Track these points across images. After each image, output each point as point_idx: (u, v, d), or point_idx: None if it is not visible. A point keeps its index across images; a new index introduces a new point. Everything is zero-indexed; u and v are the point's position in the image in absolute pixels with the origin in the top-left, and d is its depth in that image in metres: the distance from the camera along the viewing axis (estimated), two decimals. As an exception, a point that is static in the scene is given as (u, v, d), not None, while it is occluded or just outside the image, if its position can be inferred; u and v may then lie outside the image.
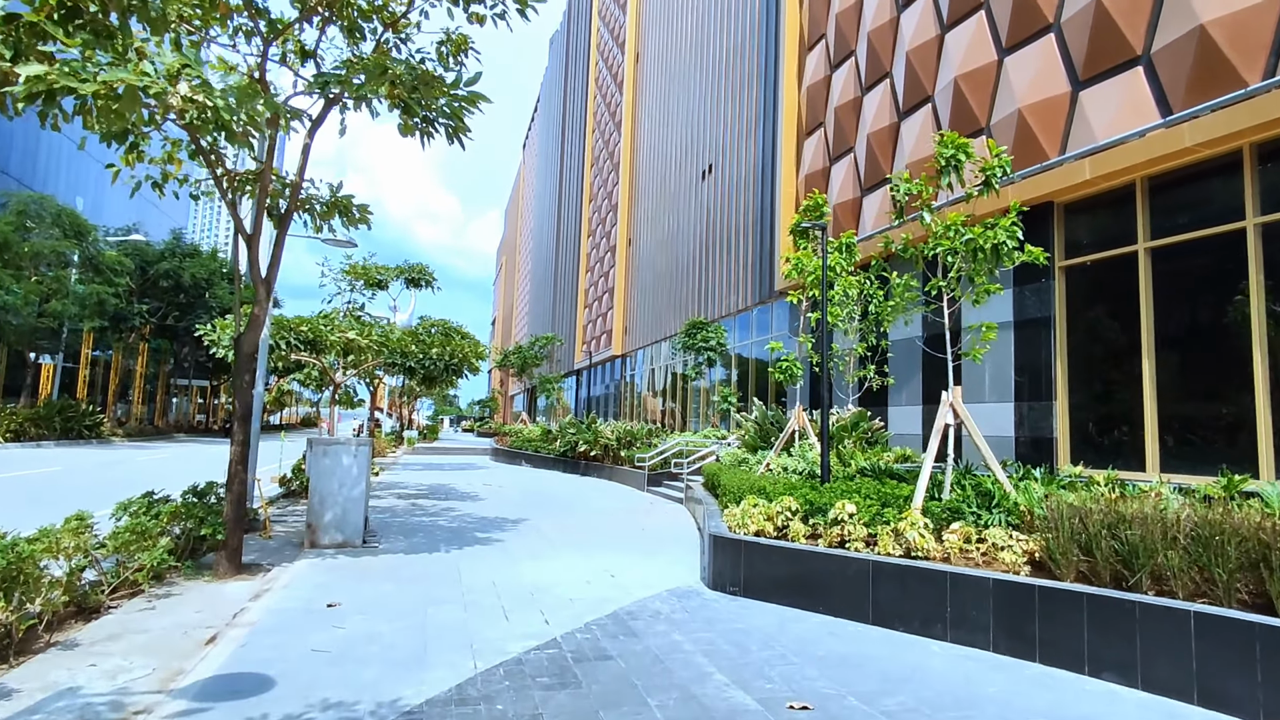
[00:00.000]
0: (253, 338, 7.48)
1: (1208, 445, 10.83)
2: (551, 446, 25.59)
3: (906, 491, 7.28)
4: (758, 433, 12.08)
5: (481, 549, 9.26)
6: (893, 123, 18.17)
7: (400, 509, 12.96)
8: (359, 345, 12.64)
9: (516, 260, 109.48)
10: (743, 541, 7.04)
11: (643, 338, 40.60)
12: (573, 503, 14.99)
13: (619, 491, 17.68)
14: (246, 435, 7.45)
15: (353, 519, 9.04)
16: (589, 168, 57.32)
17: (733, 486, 9.02)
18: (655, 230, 39.63)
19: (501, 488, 17.74)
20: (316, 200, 8.91)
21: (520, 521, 11.88)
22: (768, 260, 25.06)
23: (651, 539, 10.51)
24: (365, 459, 9.14)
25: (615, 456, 21.26)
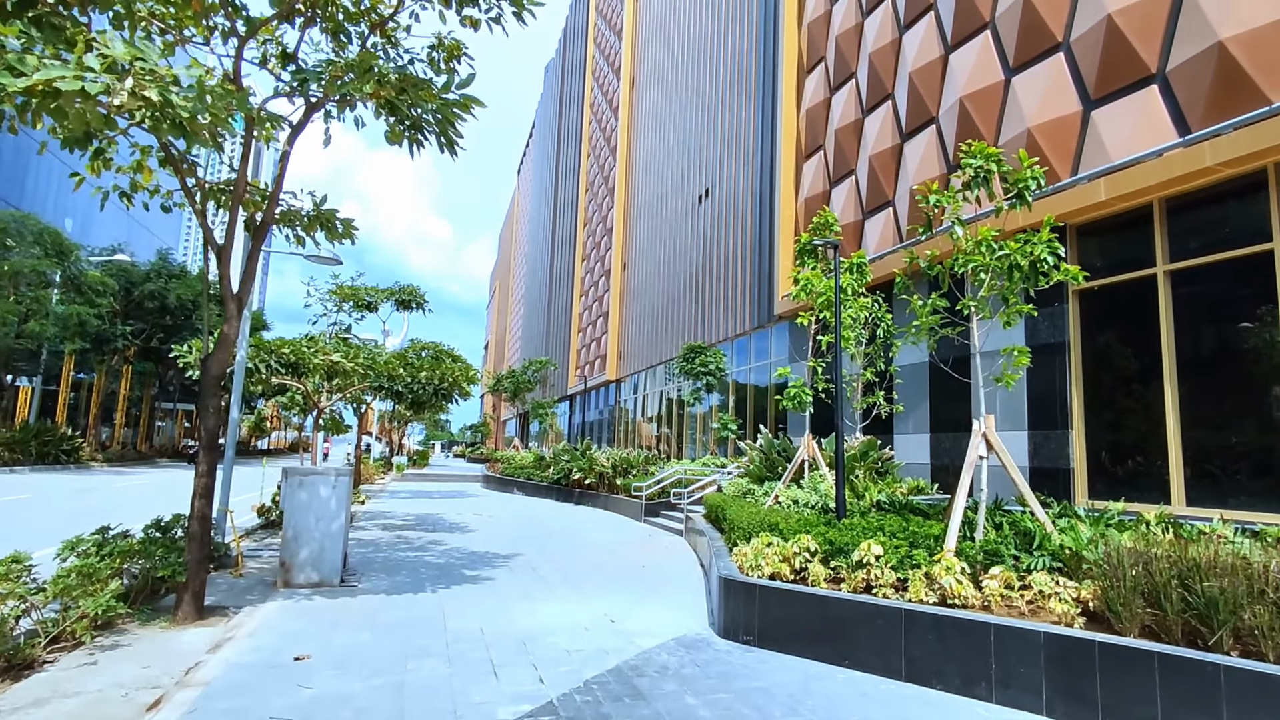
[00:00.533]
0: (221, 359, 6.86)
1: (1237, 477, 10.29)
2: (545, 474, 24.85)
3: (935, 530, 6.67)
4: (763, 462, 11.47)
5: (470, 588, 8.56)
6: (895, 144, 17.85)
7: (384, 542, 12.23)
8: (344, 369, 12.01)
9: (510, 285, 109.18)
10: (757, 586, 6.40)
11: (637, 363, 40.04)
12: (567, 535, 14.28)
13: (615, 522, 16.97)
14: (212, 466, 6.80)
15: (330, 556, 8.34)
16: (584, 192, 57.20)
17: (741, 521, 8.38)
18: (651, 254, 39.28)
19: (493, 518, 16.99)
20: (298, 214, 8.37)
21: (512, 556, 11.17)
22: (766, 284, 24.63)
23: (652, 577, 9.83)
24: (345, 491, 8.47)
25: (611, 485, 20.56)
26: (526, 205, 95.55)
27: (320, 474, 8.42)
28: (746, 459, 12.97)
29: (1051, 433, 13.05)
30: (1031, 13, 13.71)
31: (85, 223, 49.20)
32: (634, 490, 17.53)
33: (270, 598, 7.72)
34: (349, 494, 8.73)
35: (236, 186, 6.90)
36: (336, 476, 8.46)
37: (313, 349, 11.97)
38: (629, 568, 10.54)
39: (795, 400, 9.99)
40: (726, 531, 9.07)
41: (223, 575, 8.79)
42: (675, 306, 34.43)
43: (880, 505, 9.09)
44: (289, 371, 11.36)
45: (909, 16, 17.59)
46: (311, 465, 13.77)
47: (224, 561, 9.28)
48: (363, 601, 7.68)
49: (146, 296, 30.72)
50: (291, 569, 8.22)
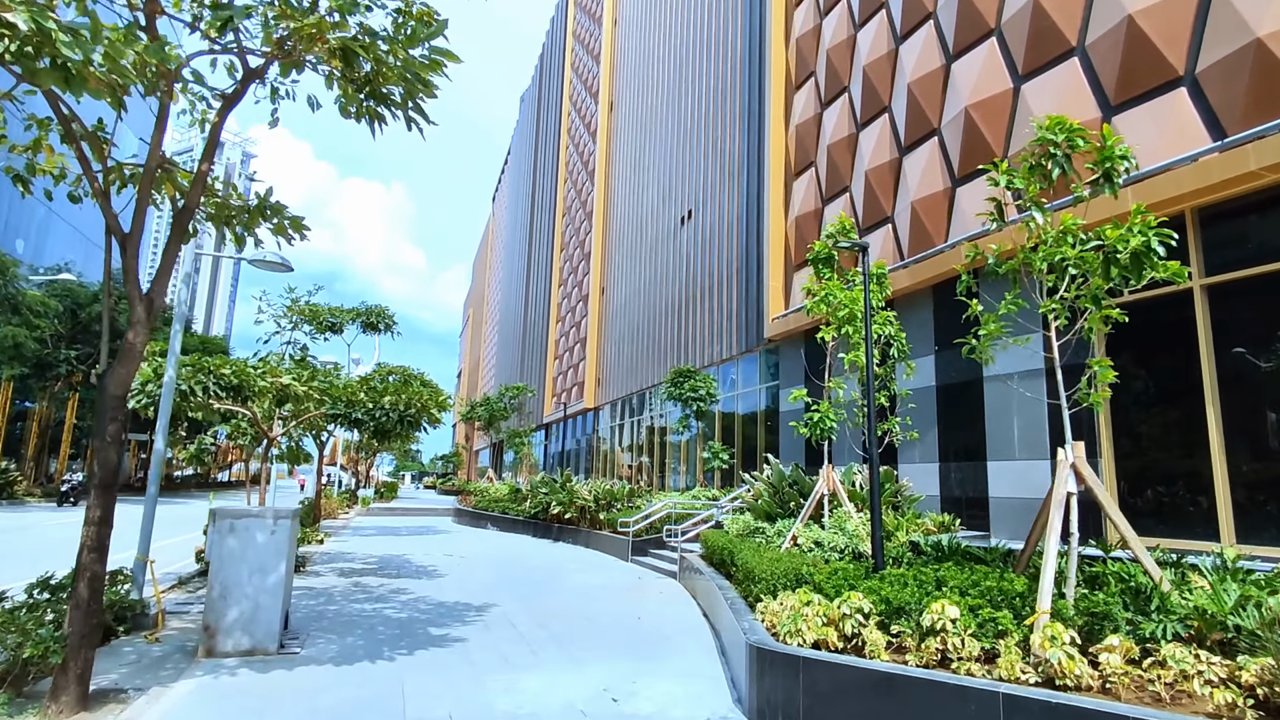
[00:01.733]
0: (124, 375, 5.46)
1: (1297, 510, 9.27)
2: (521, 508, 23.28)
3: (1016, 585, 5.44)
4: (773, 496, 10.21)
5: (436, 654, 7.11)
6: (893, 158, 17.02)
7: (339, 591, 10.68)
8: (295, 393, 10.57)
9: (484, 312, 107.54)
10: (800, 658, 5.09)
11: (616, 390, 38.72)
12: (548, 579, 12.81)
13: (600, 562, 15.51)
14: (107, 511, 5.36)
15: (266, 617, 6.85)
16: (560, 218, 56.26)
17: (761, 570, 7.08)
18: (631, 279, 38.24)
19: (465, 558, 15.43)
20: (236, 208, 7.06)
21: (487, 609, 9.71)
22: (754, 307, 23.60)
23: (652, 633, 8.45)
24: (286, 537, 7.02)
25: (593, 520, 19.10)
26: (501, 232, 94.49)
27: (256, 516, 6.96)
28: (748, 491, 11.69)
29: (1077, 462, 11.99)
30: (1042, 17, 12.97)
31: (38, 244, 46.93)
32: (620, 526, 16.12)
33: (186, 673, 6.21)
34: (292, 540, 7.28)
35: (148, 161, 5.57)
36: (276, 519, 7.01)
37: (260, 370, 10.51)
38: (623, 620, 9.14)
39: (817, 427, 8.77)
40: (742, 581, 7.75)
41: (135, 640, 7.24)
42: (657, 332, 33.30)
43: (918, 549, 7.87)
44: (231, 395, 9.90)
45: (906, 26, 16.88)
46: (260, 503, 12.19)
47: (139, 622, 7.72)
48: (302, 676, 6.21)
49: (94, 319, 28.75)
50: (216, 634, 6.71)
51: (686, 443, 28.96)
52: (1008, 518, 12.97)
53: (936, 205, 15.40)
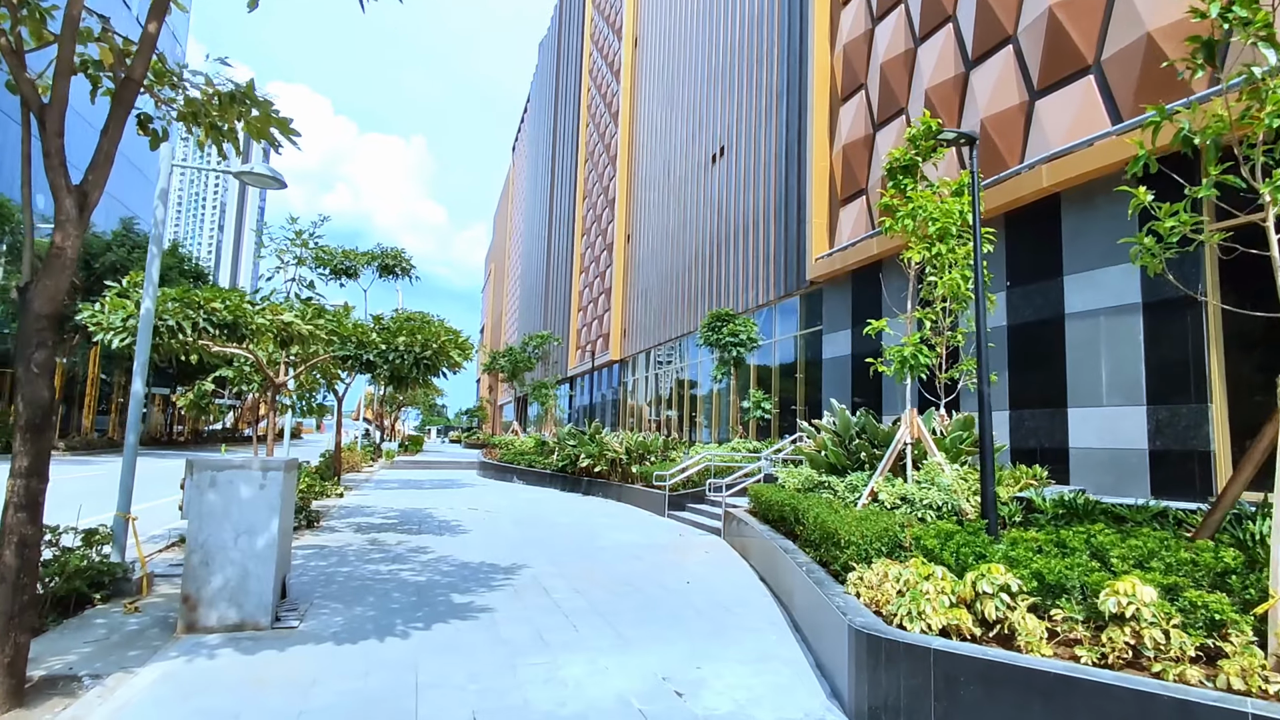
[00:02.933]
0: (52, 288, 4.26)
1: None
2: (548, 461, 22.32)
3: (1227, 559, 4.12)
4: (838, 446, 8.90)
5: (458, 629, 6.01)
6: (958, 73, 15.18)
7: (353, 550, 9.68)
8: (299, 332, 9.42)
9: (505, 266, 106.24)
10: (932, 650, 3.85)
11: (644, 341, 37.44)
12: (582, 537, 11.75)
13: (635, 518, 14.44)
14: (38, 460, 4.23)
15: (256, 586, 5.77)
16: (583, 164, 54.30)
17: (848, 532, 5.83)
18: (657, 225, 36.57)
19: (490, 513, 14.45)
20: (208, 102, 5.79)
21: (516, 571, 8.63)
22: (795, 247, 22.00)
23: (708, 603, 7.30)
24: (278, 492, 5.89)
25: (624, 473, 18.03)
26: (522, 183, 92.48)
27: (240, 467, 5.83)
28: (805, 443, 10.41)
29: (1180, 408, 10.52)
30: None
31: (55, 198, 46.09)
32: (655, 480, 15.00)
33: (160, 653, 5.16)
34: (287, 496, 6.15)
35: (68, 10, 4.26)
36: (265, 471, 5.87)
37: (258, 306, 9.35)
38: (670, 586, 8.01)
39: (907, 366, 7.36)
40: (817, 544, 6.52)
41: (111, 611, 6.23)
42: (685, 280, 31.79)
43: (1033, 505, 6.56)
44: (225, 334, 8.76)
45: (978, -80, 14.85)
46: (268, 457, 11.18)
47: (121, 588, 6.72)
48: (296, 660, 5.13)
49: (108, 269, 27.89)
50: (198, 606, 5.65)
51: (718, 394, 27.73)
52: (1092, 471, 11.60)
53: (1010, 122, 13.65)
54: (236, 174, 7.83)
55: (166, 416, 50.26)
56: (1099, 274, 11.68)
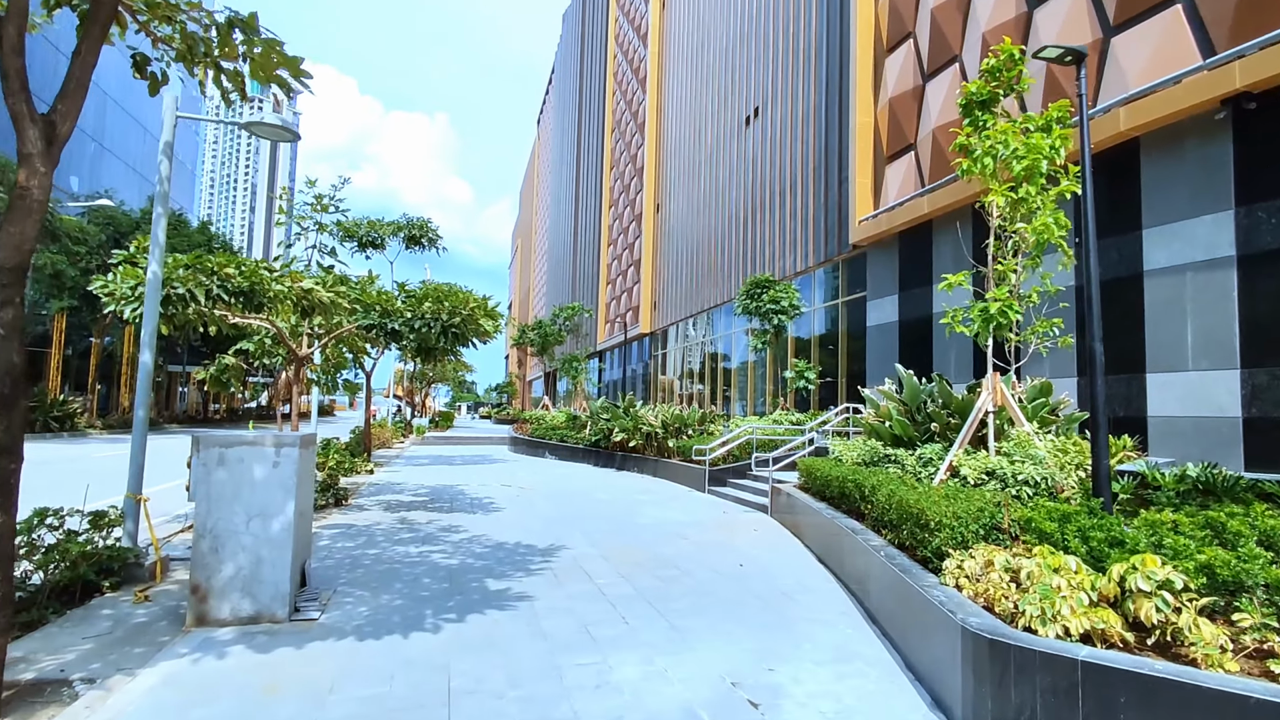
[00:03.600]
0: (16, 236, 3.63)
1: None
2: (580, 435, 21.77)
3: None
4: (906, 415, 8.06)
5: (495, 621, 5.41)
6: (1020, 13, 13.96)
7: (382, 530, 9.16)
8: (320, 300, 8.84)
9: (532, 242, 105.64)
10: (1079, 662, 3.10)
11: (675, 313, 36.61)
12: (620, 514, 11.13)
13: (673, 494, 13.80)
14: (10, 436, 3.63)
15: (271, 574, 5.21)
16: (609, 133, 53.13)
17: (937, 512, 5.06)
18: (689, 192, 35.50)
19: (523, 490, 13.92)
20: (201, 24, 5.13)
21: (554, 552, 8.03)
22: (836, 210, 20.94)
23: (766, 589, 6.61)
24: (294, 470, 5.29)
25: (660, 447, 17.38)
26: (547, 155, 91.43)
27: (251, 444, 5.24)
28: (866, 413, 9.61)
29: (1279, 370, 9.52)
30: None
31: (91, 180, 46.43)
32: (695, 454, 14.31)
33: (166, 650, 4.63)
34: (304, 475, 5.57)
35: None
36: (279, 448, 5.27)
37: (277, 273, 8.77)
38: (722, 569, 7.34)
39: (998, 320, 6.45)
40: (895, 524, 5.77)
41: (121, 600, 5.73)
42: (717, 249, 30.81)
43: (1146, 481, 5.72)
44: (242, 302, 8.21)
45: None
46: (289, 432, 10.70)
47: (133, 574, 6.24)
48: (315, 657, 4.55)
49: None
50: (208, 597, 5.11)
51: (753, 365, 26.89)
52: (1174, 441, 10.63)
53: (1083, 62, 12.45)
54: (245, 125, 7.18)
55: (203, 394, 50.84)
56: (1184, 226, 10.60)
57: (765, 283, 16.92)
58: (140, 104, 50.37)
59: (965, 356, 14.96)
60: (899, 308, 17.36)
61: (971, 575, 4.25)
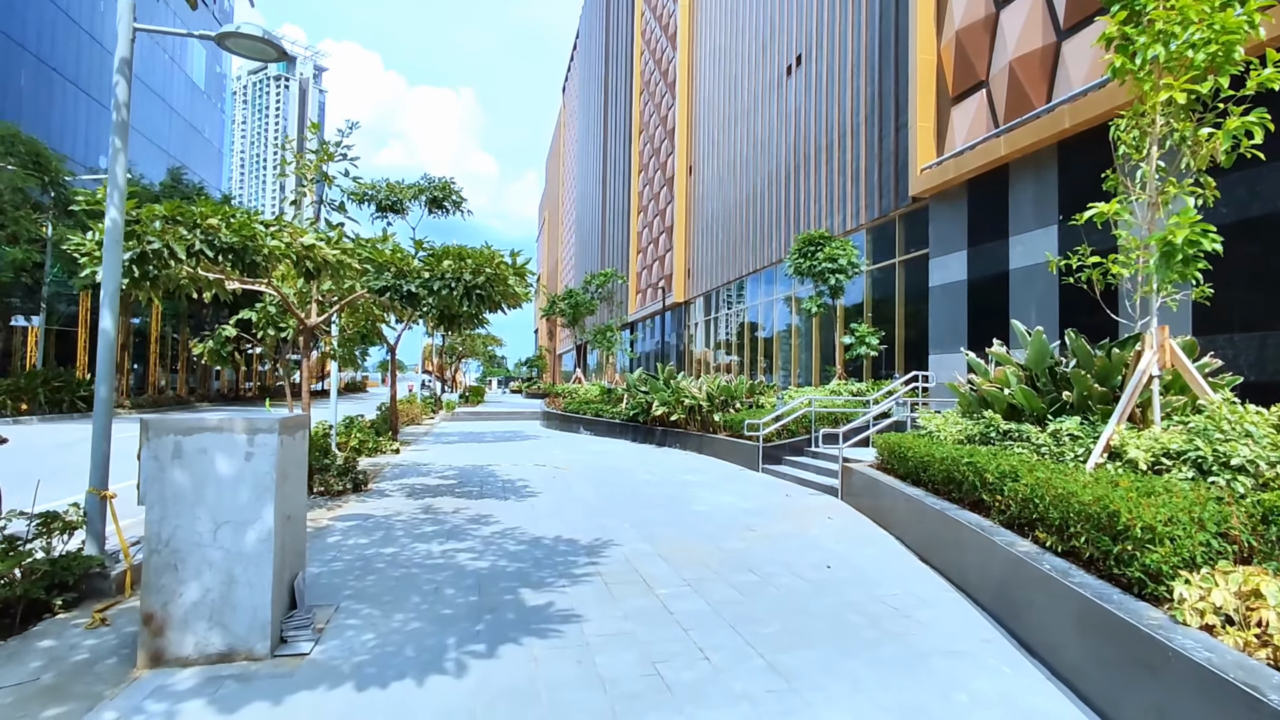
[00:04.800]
0: None
1: None
2: (616, 409, 20.53)
3: None
4: (1030, 383, 6.54)
5: (535, 657, 4.16)
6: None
7: (403, 521, 8.01)
8: (325, 259, 7.62)
9: (559, 213, 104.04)
10: None
11: (710, 281, 35.04)
12: (669, 498, 9.86)
13: (725, 474, 12.49)
14: None
15: (248, 597, 4.01)
16: (638, 95, 51.13)
17: (1136, 514, 3.65)
18: (723, 153, 33.68)
19: (559, 470, 12.73)
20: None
21: (601, 550, 6.78)
22: (889, 162, 19.17)
23: (872, 600, 5.28)
24: (273, 462, 4.06)
25: (705, 421, 16.05)
26: (574, 124, 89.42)
27: (216, 429, 4.01)
28: (959, 381, 8.12)
29: None
30: None
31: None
32: (747, 429, 12.97)
33: (97, 710, 3.46)
34: (291, 467, 4.34)
35: None
36: (252, 435, 4.04)
37: (272, 228, 7.54)
38: (806, 573, 6.01)
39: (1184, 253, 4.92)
40: (1058, 527, 4.36)
41: (69, 625, 4.60)
42: (756, 211, 29.08)
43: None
44: (231, 260, 7.00)
45: None
46: (296, 413, 9.58)
47: (97, 587, 5.12)
48: (296, 717, 3.35)
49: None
50: (165, 628, 3.93)
51: (796, 332, 25.34)
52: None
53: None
54: (216, 37, 5.91)
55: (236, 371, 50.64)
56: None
57: (820, 239, 15.33)
58: (161, 78, 49.70)
59: (1047, 317, 13.32)
60: (968, 265, 15.69)
61: (1215, 605, 2.86)
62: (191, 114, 55.67)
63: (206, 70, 59.03)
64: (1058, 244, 13.32)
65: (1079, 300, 12.27)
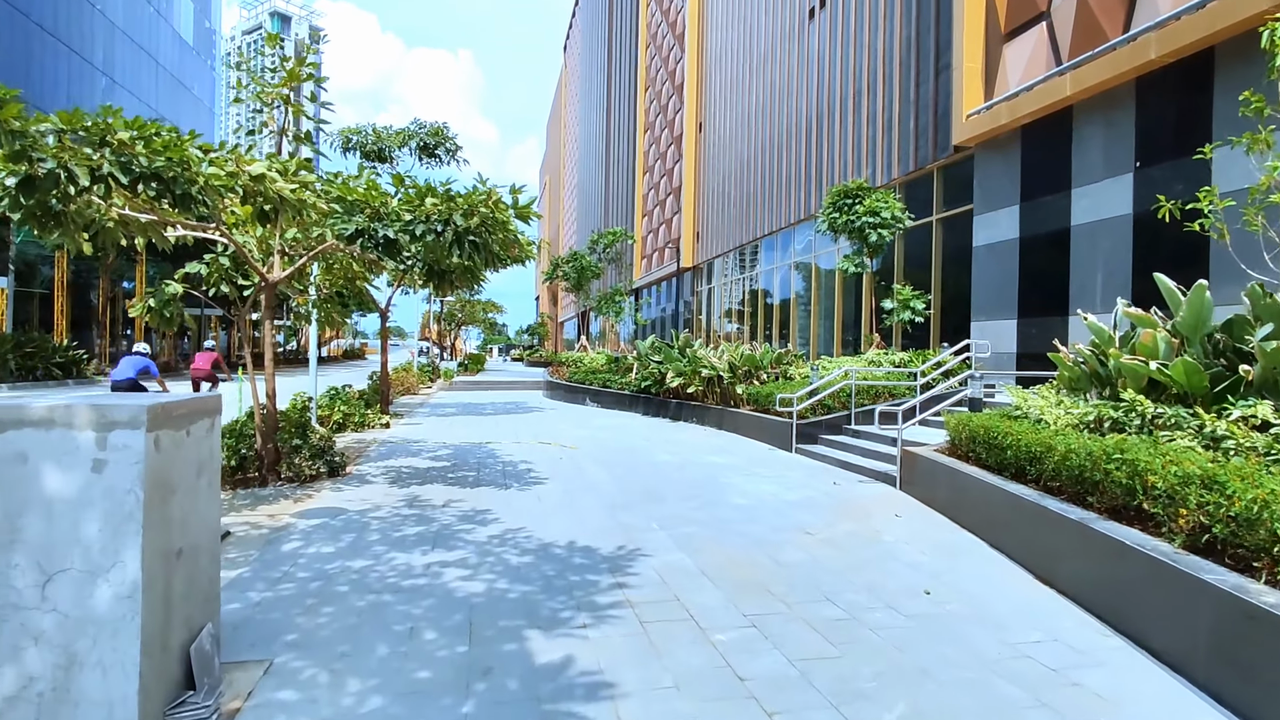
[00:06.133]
0: None
1: None
2: (626, 380, 19.05)
3: None
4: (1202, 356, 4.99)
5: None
6: None
7: (379, 521, 6.55)
8: (279, 194, 6.06)
9: (560, 177, 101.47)
10: None
11: (721, 244, 33.30)
12: (700, 488, 8.41)
13: (755, 456, 11.05)
14: None
15: (101, 686, 2.54)
16: (644, 49, 48.71)
17: None
18: (736, 107, 31.68)
19: (567, 449, 11.29)
20: None
21: (627, 565, 5.31)
22: (928, 109, 17.39)
23: (1011, 655, 3.83)
24: (140, 470, 2.57)
25: (725, 394, 14.57)
26: (575, 84, 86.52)
27: (37, 423, 2.51)
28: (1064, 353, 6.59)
29: None
30: None
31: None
32: (780, 404, 11.49)
33: None
34: (182, 475, 2.84)
35: None
36: (105, 432, 2.54)
37: (209, 154, 5.96)
38: (905, 603, 4.56)
39: None
40: None
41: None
42: (776, 168, 27.24)
43: None
44: (155, 190, 5.44)
45: None
46: (268, 394, 8.07)
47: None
48: None
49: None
50: (-40, 744, 2.48)
51: (817, 298, 23.75)
52: None
53: None
54: None
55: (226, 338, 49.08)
56: None
57: (858, 190, 13.66)
58: (147, 33, 47.34)
59: (1117, 279, 11.75)
60: (1020, 221, 14.05)
61: None
62: (180, 70, 53.29)
63: (195, 25, 56.48)
64: (1133, 194, 11.70)
65: (1157, 258, 10.70)
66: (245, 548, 5.65)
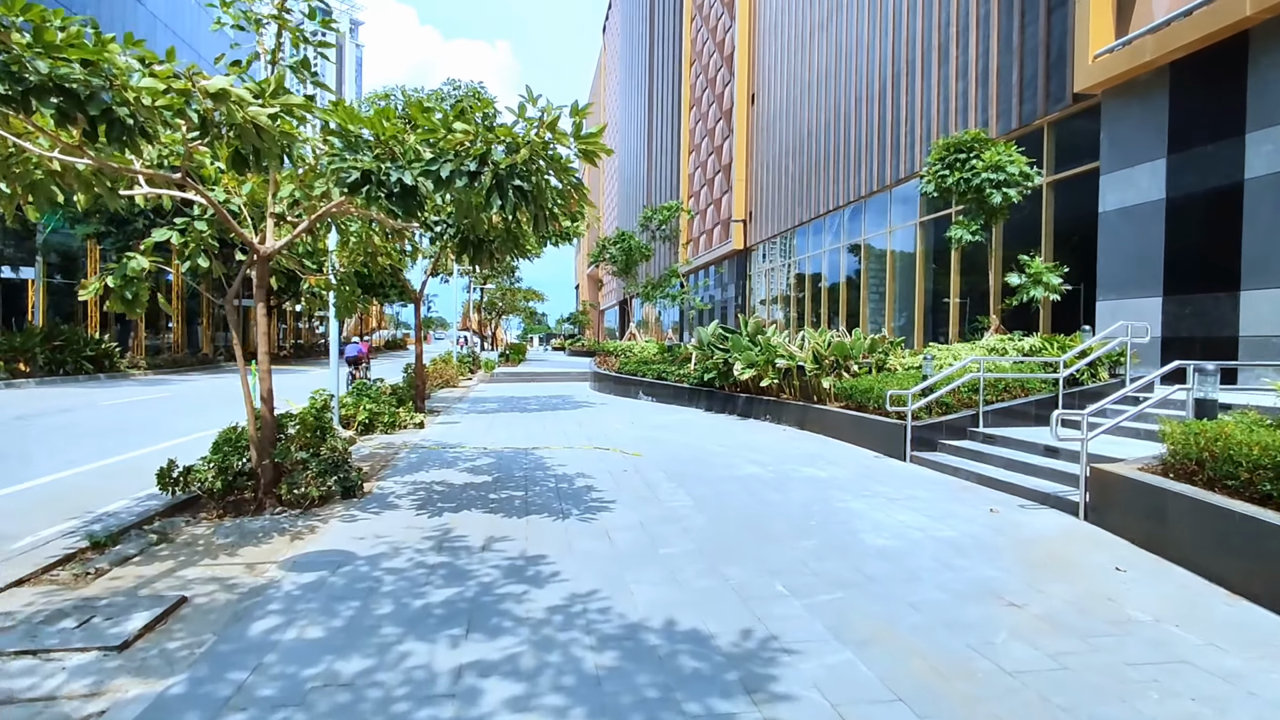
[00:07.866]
0: None
1: None
2: (683, 371, 17.09)
3: None
4: None
5: None
6: None
7: (396, 574, 4.73)
8: (252, 123, 4.29)
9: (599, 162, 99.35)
10: None
11: (778, 223, 30.98)
12: (813, 514, 6.42)
13: (861, 467, 9.00)
14: None
15: None
16: (689, 20, 46.28)
17: None
18: (795, 73, 29.23)
19: (629, 458, 9.39)
20: None
21: (765, 667, 3.36)
22: (1040, 53, 14.91)
23: None
24: None
25: (807, 388, 12.50)
26: (615, 65, 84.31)
27: None
28: None
29: None
30: None
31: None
32: (891, 402, 9.39)
33: None
34: None
35: None
36: None
37: (148, 65, 4.20)
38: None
39: None
40: None
41: None
42: (842, 137, 24.83)
43: None
44: (62, 107, 3.70)
45: None
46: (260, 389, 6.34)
47: None
48: None
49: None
50: None
51: (894, 276, 21.41)
52: None
53: None
54: None
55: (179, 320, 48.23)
56: None
57: (973, 142, 11.36)
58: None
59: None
60: (1167, 179, 11.63)
61: None
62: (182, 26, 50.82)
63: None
64: None
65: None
66: (199, 628, 3.89)
